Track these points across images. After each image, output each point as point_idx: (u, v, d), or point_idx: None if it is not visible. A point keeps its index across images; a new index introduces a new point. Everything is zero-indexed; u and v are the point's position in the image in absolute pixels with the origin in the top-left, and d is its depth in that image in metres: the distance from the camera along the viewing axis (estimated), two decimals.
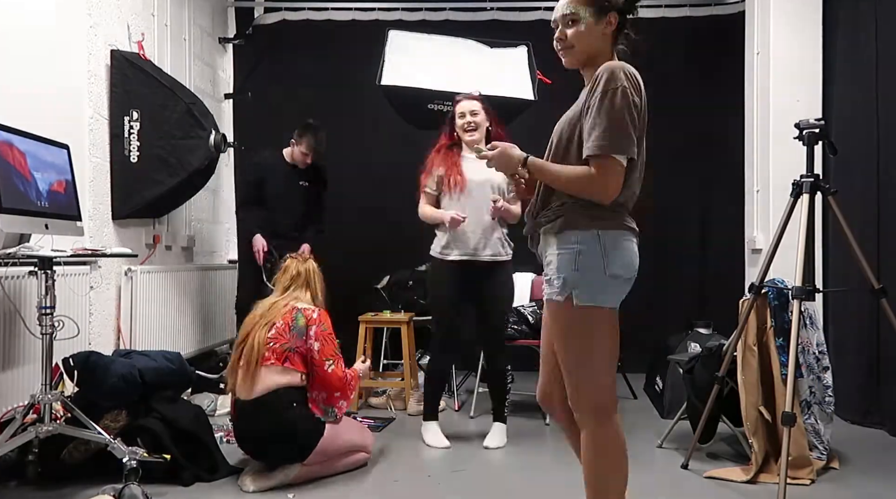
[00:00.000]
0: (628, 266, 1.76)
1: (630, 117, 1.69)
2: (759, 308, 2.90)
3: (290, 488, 2.65)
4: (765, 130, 4.14)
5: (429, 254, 3.36)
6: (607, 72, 1.71)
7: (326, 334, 2.78)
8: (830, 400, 2.93)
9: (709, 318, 4.19)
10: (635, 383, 4.36)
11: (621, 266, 1.74)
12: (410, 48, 4.20)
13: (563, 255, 1.75)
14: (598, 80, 1.72)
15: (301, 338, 2.73)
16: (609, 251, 1.72)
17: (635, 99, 1.70)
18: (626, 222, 1.78)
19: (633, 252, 1.78)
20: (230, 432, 3.11)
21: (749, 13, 4.38)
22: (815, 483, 2.75)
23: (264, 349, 2.69)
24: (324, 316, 2.83)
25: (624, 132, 1.68)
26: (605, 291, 1.73)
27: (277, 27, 5.30)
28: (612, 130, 1.67)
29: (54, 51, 3.21)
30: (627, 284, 1.79)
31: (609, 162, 1.69)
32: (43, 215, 2.58)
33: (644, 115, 1.76)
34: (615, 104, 1.68)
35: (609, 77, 1.70)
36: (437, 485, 2.74)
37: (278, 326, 2.73)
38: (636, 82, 1.73)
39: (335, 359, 2.78)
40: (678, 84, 5.12)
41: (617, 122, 1.67)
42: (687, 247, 5.20)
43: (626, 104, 1.68)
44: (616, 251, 1.73)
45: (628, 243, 1.77)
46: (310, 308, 2.82)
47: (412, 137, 4.98)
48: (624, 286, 1.78)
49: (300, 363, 2.72)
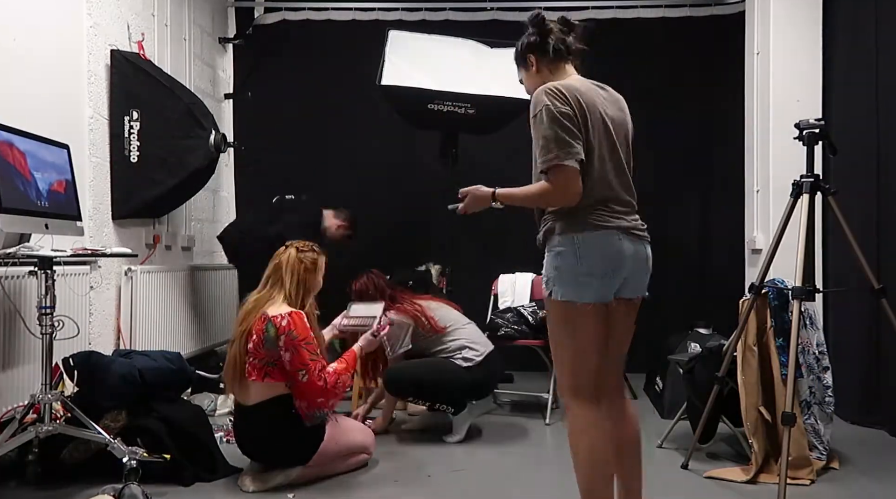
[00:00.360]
0: (605, 263, 1.90)
1: (561, 127, 1.86)
2: (759, 308, 2.90)
3: (290, 489, 2.65)
4: (765, 131, 4.14)
5: None
6: (532, 102, 1.94)
7: (297, 342, 2.60)
8: (830, 400, 2.93)
9: (709, 318, 4.19)
10: (635, 383, 4.35)
11: (595, 265, 1.89)
12: (410, 48, 4.20)
13: (549, 256, 1.95)
14: (529, 112, 1.95)
15: (274, 349, 2.61)
16: (583, 253, 1.89)
17: (561, 108, 1.87)
18: (602, 222, 1.90)
19: (611, 249, 1.91)
20: (230, 431, 3.12)
21: (749, 13, 4.38)
22: (815, 483, 2.75)
23: (246, 364, 2.65)
24: (294, 320, 2.62)
25: (560, 142, 1.85)
26: (581, 289, 1.89)
27: (277, 27, 5.30)
28: (549, 144, 1.86)
29: (54, 51, 3.21)
30: (607, 280, 1.92)
31: (558, 170, 1.86)
32: (43, 215, 2.58)
33: (582, 115, 1.89)
34: (544, 123, 1.88)
35: (533, 104, 1.93)
36: (437, 485, 2.74)
37: (254, 339, 2.63)
38: (558, 93, 1.89)
39: (309, 367, 2.62)
40: (678, 84, 5.12)
41: (551, 136, 1.86)
42: (687, 247, 5.20)
43: (551, 118, 1.86)
44: (591, 251, 1.89)
45: (607, 241, 1.90)
46: (279, 315, 2.62)
47: (412, 137, 4.99)
48: (602, 282, 1.91)
49: (280, 375, 2.64)
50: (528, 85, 2.12)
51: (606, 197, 1.92)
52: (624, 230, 1.92)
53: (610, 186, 1.93)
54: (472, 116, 4.12)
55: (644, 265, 2.00)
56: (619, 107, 2.05)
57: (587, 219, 1.90)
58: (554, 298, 1.93)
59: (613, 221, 1.91)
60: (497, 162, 3.48)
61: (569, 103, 1.88)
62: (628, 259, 1.93)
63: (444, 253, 4.65)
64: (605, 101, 1.99)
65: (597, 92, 2.00)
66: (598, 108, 1.94)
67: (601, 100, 1.97)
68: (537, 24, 2.06)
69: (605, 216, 1.91)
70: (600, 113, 1.94)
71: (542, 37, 2.05)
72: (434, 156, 4.48)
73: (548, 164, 1.86)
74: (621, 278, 1.94)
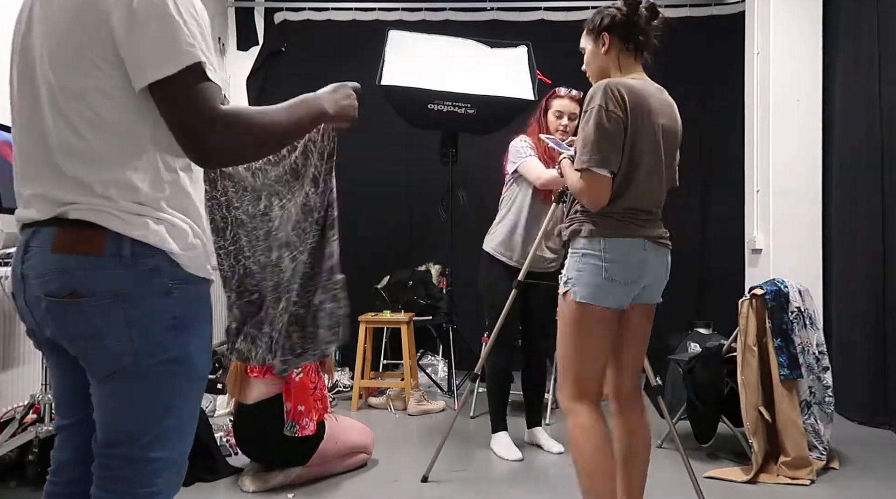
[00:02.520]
0: (629, 271, 1.88)
1: (604, 133, 1.83)
2: (759, 309, 2.90)
3: (290, 489, 2.65)
4: (765, 130, 4.14)
5: None
6: (590, 93, 1.89)
7: None
8: (830, 400, 2.94)
9: (709, 318, 4.19)
10: None
11: (619, 272, 1.87)
12: (410, 48, 4.20)
13: (573, 257, 1.94)
14: (585, 101, 1.91)
15: None
16: (608, 258, 1.86)
17: (612, 114, 1.82)
18: (631, 229, 1.89)
19: (637, 258, 1.89)
20: (230, 431, 3.11)
21: (749, 13, 4.37)
22: (815, 483, 2.75)
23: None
24: None
25: (595, 149, 1.83)
26: (601, 292, 1.88)
27: (278, 27, 5.30)
28: (586, 147, 1.85)
29: None
30: (628, 287, 1.90)
31: (589, 175, 1.86)
32: None
33: (633, 122, 1.85)
34: (588, 124, 1.85)
35: (589, 98, 1.88)
36: (437, 485, 2.74)
37: None
38: (615, 95, 1.84)
39: (306, 367, 2.55)
40: (678, 84, 5.10)
41: (592, 139, 1.84)
42: (687, 247, 5.19)
43: (598, 122, 1.83)
44: (617, 258, 1.87)
45: (633, 249, 1.89)
46: None
47: (412, 137, 4.99)
48: (623, 289, 1.90)
49: None
50: (591, 61, 2.03)
51: (638, 205, 1.91)
52: (651, 239, 1.92)
53: (643, 195, 1.92)
54: (472, 116, 4.12)
55: (664, 273, 2.00)
56: (672, 114, 2.00)
57: (616, 225, 1.88)
58: (572, 299, 1.91)
59: (641, 229, 1.90)
60: (497, 162, 3.49)
61: (624, 108, 1.84)
62: (651, 267, 1.93)
63: (444, 253, 4.65)
64: (661, 107, 1.94)
65: (656, 97, 1.94)
66: (653, 117, 1.89)
67: (658, 107, 1.92)
68: (631, 4, 1.94)
69: (634, 225, 1.90)
70: (653, 121, 1.90)
71: (630, 19, 1.94)
72: (434, 156, 4.48)
73: (581, 165, 1.86)
74: (642, 286, 1.93)
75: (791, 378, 2.82)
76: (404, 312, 4.31)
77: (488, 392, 3.28)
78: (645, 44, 1.99)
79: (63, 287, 1.12)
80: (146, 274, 1.14)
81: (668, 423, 2.70)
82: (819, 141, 4.06)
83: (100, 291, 1.12)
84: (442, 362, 4.54)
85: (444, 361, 4.53)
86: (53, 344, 1.21)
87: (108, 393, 1.17)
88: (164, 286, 1.15)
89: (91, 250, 1.12)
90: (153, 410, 1.17)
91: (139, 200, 1.14)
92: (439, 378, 4.46)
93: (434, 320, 4.47)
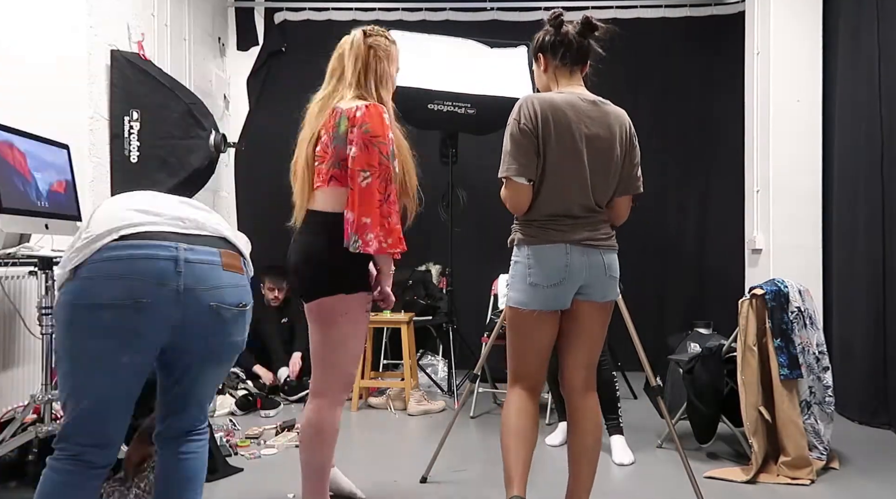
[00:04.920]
0: (551, 275, 2.00)
1: (517, 143, 1.99)
2: (759, 309, 2.90)
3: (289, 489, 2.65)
4: (765, 130, 4.14)
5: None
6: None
7: (368, 138, 2.06)
8: (830, 400, 2.93)
9: (709, 318, 4.18)
10: (635, 383, 4.36)
11: (541, 277, 2.00)
12: (410, 48, 4.19)
13: (511, 264, 2.10)
14: None
15: (342, 146, 2.10)
16: (532, 264, 2.02)
17: (523, 125, 1.98)
18: (549, 235, 2.01)
19: (558, 262, 1.99)
20: (230, 431, 3.11)
21: (749, 13, 4.38)
22: (815, 483, 2.75)
23: (313, 169, 2.18)
24: (371, 112, 2.11)
25: (511, 159, 2.00)
26: (527, 296, 2.03)
27: (278, 27, 5.30)
28: (504, 158, 2.03)
29: (54, 51, 3.21)
30: (554, 290, 2.01)
31: (509, 184, 2.03)
32: (43, 215, 2.59)
33: (545, 133, 1.97)
34: (506, 135, 2.04)
35: (511, 113, 2.04)
36: (437, 485, 2.74)
37: (323, 140, 2.16)
38: (528, 109, 1.99)
39: (375, 170, 2.06)
40: (678, 84, 5.12)
41: (506, 151, 2.02)
42: (687, 247, 5.20)
43: (511, 133, 2.01)
44: (539, 263, 2.01)
45: (553, 254, 2.00)
46: (353, 107, 2.12)
47: (412, 137, 4.98)
48: (548, 292, 2.01)
49: (346, 179, 2.11)
50: (536, 79, 2.20)
51: (559, 212, 2.01)
52: (574, 243, 2.00)
53: (564, 201, 2.00)
54: (472, 116, 4.12)
55: (602, 272, 2.04)
56: (605, 122, 2.02)
57: (537, 232, 2.02)
58: (507, 303, 2.11)
59: (562, 234, 2.00)
60: (497, 162, 3.47)
61: (534, 120, 1.97)
62: (578, 270, 2.00)
63: (444, 253, 4.65)
64: (586, 119, 2.00)
65: (579, 109, 2.00)
66: (571, 126, 1.98)
67: (579, 117, 1.99)
68: (554, 25, 2.09)
69: (554, 230, 2.01)
70: (572, 131, 1.98)
71: (556, 38, 2.09)
72: (434, 156, 4.48)
73: (501, 174, 2.03)
74: (575, 287, 2.02)
75: (791, 378, 2.82)
76: (404, 312, 4.31)
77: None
78: (578, 58, 2.09)
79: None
80: None
81: (668, 423, 2.70)
82: (819, 141, 4.06)
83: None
84: (442, 362, 4.54)
85: (444, 361, 4.53)
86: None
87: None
88: None
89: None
90: None
91: None
92: (439, 378, 4.46)
93: (434, 320, 4.48)
